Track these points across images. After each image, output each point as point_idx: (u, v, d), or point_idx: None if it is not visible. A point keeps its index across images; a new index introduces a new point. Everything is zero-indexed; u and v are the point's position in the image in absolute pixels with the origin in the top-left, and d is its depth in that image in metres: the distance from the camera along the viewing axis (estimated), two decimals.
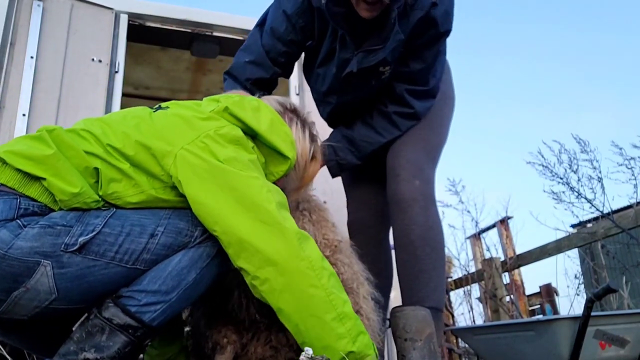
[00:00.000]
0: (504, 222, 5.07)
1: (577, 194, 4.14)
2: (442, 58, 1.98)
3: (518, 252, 4.69)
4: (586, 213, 4.13)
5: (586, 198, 4.08)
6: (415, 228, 1.81)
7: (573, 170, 4.23)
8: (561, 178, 4.28)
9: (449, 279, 5.24)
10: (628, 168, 3.92)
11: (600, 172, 4.07)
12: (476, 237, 5.39)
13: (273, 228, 1.25)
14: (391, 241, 1.96)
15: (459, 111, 2.23)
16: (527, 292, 4.79)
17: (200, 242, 1.28)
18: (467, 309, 4.92)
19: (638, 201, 3.82)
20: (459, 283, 5.14)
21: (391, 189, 1.89)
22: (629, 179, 3.91)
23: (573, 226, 5.12)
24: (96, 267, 1.19)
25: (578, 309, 3.93)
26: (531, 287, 4.94)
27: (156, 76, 4.54)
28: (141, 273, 1.23)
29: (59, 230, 1.17)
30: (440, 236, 1.88)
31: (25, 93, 2.83)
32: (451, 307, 5.02)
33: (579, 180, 4.17)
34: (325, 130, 2.05)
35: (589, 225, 4.29)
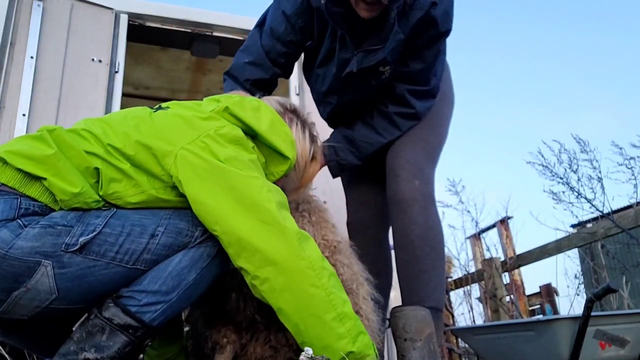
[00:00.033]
0: (504, 222, 5.07)
1: (577, 194, 4.14)
2: (442, 58, 1.98)
3: (518, 252, 4.69)
4: (586, 213, 4.14)
5: (586, 198, 4.08)
6: (414, 228, 1.81)
7: (573, 170, 4.23)
8: (561, 178, 4.29)
9: (449, 279, 5.24)
10: (628, 168, 3.93)
11: (600, 172, 4.08)
12: (476, 237, 5.39)
13: (273, 228, 1.25)
14: (391, 241, 1.96)
15: (459, 111, 2.24)
16: (527, 292, 4.79)
17: (200, 242, 1.28)
18: (467, 309, 4.93)
19: (638, 201, 3.82)
20: (459, 283, 5.14)
21: (391, 189, 1.89)
22: (629, 179, 3.92)
23: (573, 226, 5.12)
24: (97, 267, 1.19)
25: (578, 309, 3.94)
26: (531, 287, 4.95)
27: (156, 76, 4.54)
28: (141, 273, 1.24)
29: (60, 230, 1.18)
30: (440, 236, 1.88)
31: (25, 93, 2.83)
32: (451, 307, 5.02)
33: (579, 180, 4.18)
34: (325, 130, 2.05)
35: (589, 225, 4.29)
